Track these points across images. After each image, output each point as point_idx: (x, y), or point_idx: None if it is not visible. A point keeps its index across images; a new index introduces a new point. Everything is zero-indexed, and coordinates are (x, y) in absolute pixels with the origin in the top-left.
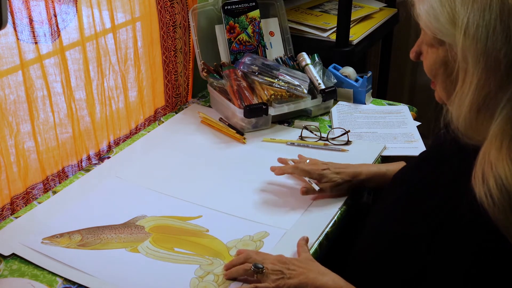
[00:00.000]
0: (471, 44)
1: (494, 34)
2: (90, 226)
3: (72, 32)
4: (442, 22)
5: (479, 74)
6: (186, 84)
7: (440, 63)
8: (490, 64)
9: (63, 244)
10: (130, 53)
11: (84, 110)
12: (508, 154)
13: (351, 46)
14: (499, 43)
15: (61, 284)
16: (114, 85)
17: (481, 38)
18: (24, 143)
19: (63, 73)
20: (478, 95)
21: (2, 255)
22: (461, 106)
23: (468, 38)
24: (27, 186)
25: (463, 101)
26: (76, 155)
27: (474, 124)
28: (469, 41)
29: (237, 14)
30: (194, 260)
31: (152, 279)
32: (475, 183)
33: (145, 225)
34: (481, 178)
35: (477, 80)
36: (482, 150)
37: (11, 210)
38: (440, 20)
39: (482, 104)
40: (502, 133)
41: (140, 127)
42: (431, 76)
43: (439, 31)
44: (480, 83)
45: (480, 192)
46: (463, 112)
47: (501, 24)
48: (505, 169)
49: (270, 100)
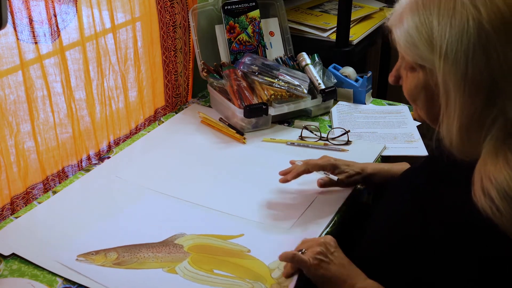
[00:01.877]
0: (451, 69)
1: (474, 57)
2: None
3: (72, 32)
4: (421, 48)
5: (462, 97)
6: (186, 84)
7: (421, 87)
8: (472, 87)
9: (98, 262)
10: (130, 53)
11: (84, 110)
12: (505, 163)
13: (351, 46)
14: (479, 66)
15: (61, 284)
16: (114, 85)
17: (461, 62)
18: (24, 143)
19: (63, 73)
20: (465, 117)
21: (2, 255)
22: (450, 129)
23: (448, 64)
24: (27, 186)
25: (451, 125)
26: (76, 155)
27: (466, 143)
28: (448, 66)
29: (237, 14)
30: (234, 284)
31: None
32: (477, 199)
33: (184, 243)
34: (482, 192)
35: (461, 104)
36: (477, 168)
37: (11, 210)
38: (418, 47)
39: (470, 124)
40: (494, 148)
41: (140, 127)
42: (411, 100)
43: (418, 57)
44: (465, 105)
45: (484, 206)
46: (453, 134)
47: (480, 48)
48: (506, 177)
49: (270, 100)
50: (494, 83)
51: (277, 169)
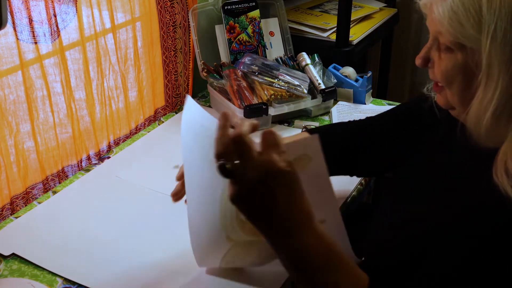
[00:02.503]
0: (498, 50)
1: None
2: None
3: (72, 32)
4: (466, 26)
5: (506, 79)
6: (186, 84)
7: (458, 69)
8: None
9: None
10: (130, 53)
11: (84, 110)
12: None
13: (351, 46)
14: None
15: (61, 284)
16: (114, 85)
17: (509, 43)
18: (24, 143)
19: (63, 73)
20: (502, 101)
21: (2, 255)
22: (482, 112)
23: (495, 43)
24: (27, 186)
25: (485, 106)
26: (76, 155)
27: (495, 127)
28: (495, 46)
29: (237, 14)
30: None
31: None
32: (499, 179)
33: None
34: (505, 173)
35: (502, 86)
36: (502, 150)
37: (11, 210)
38: (463, 25)
39: (504, 108)
40: None
41: (140, 127)
42: (446, 82)
43: (461, 36)
44: (505, 88)
45: (506, 187)
46: (485, 117)
47: None
48: None
49: (270, 100)
50: None
51: None
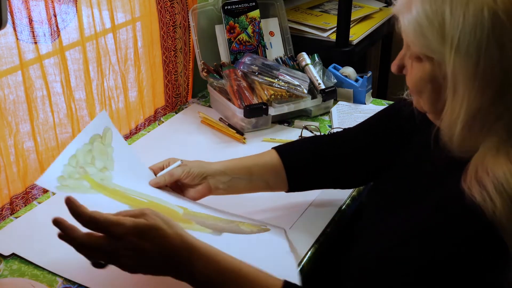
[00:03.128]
0: (462, 62)
1: (487, 50)
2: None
3: (72, 32)
4: (431, 39)
5: (470, 92)
6: (186, 84)
7: (427, 79)
8: (482, 81)
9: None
10: (130, 53)
11: (84, 110)
12: (507, 159)
13: (351, 46)
14: (493, 60)
15: (61, 284)
16: (114, 85)
17: (473, 55)
18: (24, 143)
19: (63, 73)
20: (471, 113)
21: (2, 255)
22: (454, 123)
23: (459, 56)
24: (27, 186)
25: (455, 119)
26: None
27: (467, 139)
28: (460, 59)
29: (237, 14)
30: None
31: None
32: (468, 186)
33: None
34: (476, 182)
35: (468, 98)
36: (473, 160)
37: (11, 210)
38: (428, 37)
39: (474, 119)
40: (496, 146)
41: (140, 127)
42: (415, 91)
43: (426, 48)
44: (473, 100)
45: (476, 194)
46: (456, 130)
47: (494, 40)
48: (506, 173)
49: (270, 100)
50: (506, 78)
51: None
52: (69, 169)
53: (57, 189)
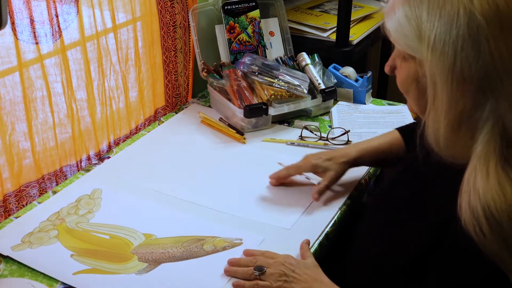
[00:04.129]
0: (439, 61)
1: (463, 50)
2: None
3: (73, 32)
4: (410, 37)
5: (449, 91)
6: (186, 84)
7: (411, 78)
8: (460, 80)
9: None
10: (130, 53)
11: (85, 110)
12: (496, 181)
13: (351, 46)
14: (468, 60)
15: (61, 284)
16: (115, 85)
17: (449, 54)
18: (19, 142)
19: (64, 73)
20: (452, 113)
21: (2, 255)
22: (437, 125)
23: (435, 55)
24: (21, 185)
25: (438, 119)
26: (75, 155)
27: (454, 143)
28: (436, 57)
29: (237, 14)
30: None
31: None
32: (461, 211)
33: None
34: (468, 208)
35: (448, 98)
36: (466, 177)
37: (4, 208)
38: (408, 36)
39: (458, 123)
40: (485, 156)
41: (140, 127)
42: (403, 91)
43: (407, 46)
44: (452, 100)
45: (466, 220)
46: (440, 131)
47: (470, 40)
48: (494, 197)
49: (270, 100)
50: (485, 79)
51: (277, 169)
52: (45, 223)
53: (12, 249)
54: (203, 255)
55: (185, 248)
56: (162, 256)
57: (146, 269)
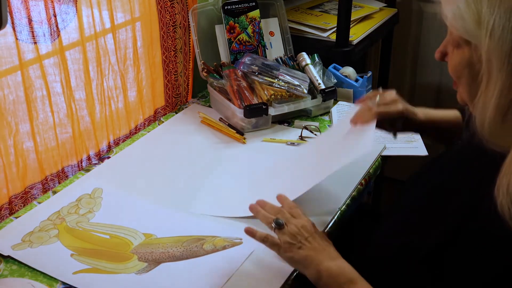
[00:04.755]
0: (496, 46)
1: None
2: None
3: (72, 32)
4: (468, 21)
5: (503, 77)
6: (186, 84)
7: (465, 64)
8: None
9: None
10: (129, 53)
11: (84, 110)
12: None
13: (351, 46)
14: None
15: (61, 284)
16: (113, 85)
17: (507, 40)
18: (23, 143)
19: (63, 73)
20: (504, 99)
21: (2, 255)
22: (485, 111)
23: (494, 40)
24: (26, 186)
25: (487, 105)
26: (76, 155)
27: (499, 130)
28: (494, 43)
29: (237, 14)
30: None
31: None
32: (498, 193)
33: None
34: (506, 188)
35: (502, 84)
36: (508, 159)
37: (10, 209)
38: (466, 20)
39: (507, 109)
40: None
41: (139, 127)
42: (455, 77)
43: (464, 31)
44: (505, 86)
45: (502, 203)
46: (487, 117)
47: None
48: None
49: (270, 100)
50: None
51: (277, 169)
52: (46, 223)
53: (12, 248)
54: (203, 254)
55: (185, 247)
56: (162, 256)
57: (146, 268)
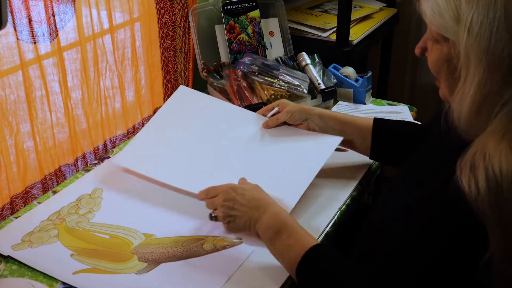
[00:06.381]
0: (474, 42)
1: (498, 32)
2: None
3: (70, 32)
4: (446, 19)
5: (481, 72)
6: (186, 84)
7: (443, 59)
8: (492, 63)
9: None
10: (127, 53)
11: (81, 110)
12: (509, 146)
13: (351, 46)
14: (502, 42)
15: (61, 284)
16: (110, 84)
17: (485, 36)
18: (24, 143)
19: (61, 73)
20: (480, 93)
21: (2, 255)
22: (462, 104)
23: (472, 36)
24: (26, 186)
25: (464, 99)
26: (72, 154)
27: (474, 121)
28: (472, 39)
29: (237, 14)
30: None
31: None
32: (460, 167)
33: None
34: (469, 164)
35: (479, 79)
36: (477, 140)
37: (11, 209)
38: (444, 17)
39: (483, 102)
40: (502, 128)
41: (138, 127)
42: (434, 72)
43: (443, 27)
44: (482, 81)
45: (464, 178)
46: (464, 109)
47: (505, 22)
48: (501, 160)
49: (270, 100)
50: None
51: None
52: (46, 223)
53: (12, 248)
54: (203, 254)
55: (185, 247)
56: (162, 256)
57: (146, 268)
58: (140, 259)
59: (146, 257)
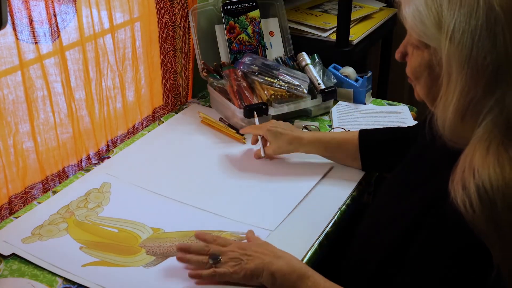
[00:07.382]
0: (456, 50)
1: (480, 40)
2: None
3: (72, 32)
4: (428, 26)
5: (463, 80)
6: (186, 84)
7: (424, 66)
8: (474, 70)
9: None
10: (128, 53)
11: (84, 110)
12: (495, 160)
13: (351, 46)
14: (484, 50)
15: (61, 284)
16: (112, 84)
17: (467, 44)
18: (23, 143)
19: (63, 73)
20: (463, 101)
21: (2, 255)
22: (446, 111)
23: (453, 44)
24: (26, 186)
25: (448, 106)
26: (76, 155)
27: (459, 129)
28: (454, 47)
29: (237, 14)
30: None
31: None
32: (453, 188)
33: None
34: (461, 184)
35: (461, 86)
36: (464, 154)
37: (9, 209)
38: (425, 24)
39: (466, 110)
40: (487, 138)
41: (138, 127)
42: (414, 78)
43: (424, 34)
44: (465, 89)
45: (459, 199)
46: (447, 117)
47: (487, 30)
48: (491, 175)
49: (270, 100)
50: (497, 70)
51: (277, 170)
52: (55, 216)
53: (22, 241)
54: None
55: (192, 242)
56: (169, 250)
57: (154, 262)
58: (148, 252)
59: (154, 251)
